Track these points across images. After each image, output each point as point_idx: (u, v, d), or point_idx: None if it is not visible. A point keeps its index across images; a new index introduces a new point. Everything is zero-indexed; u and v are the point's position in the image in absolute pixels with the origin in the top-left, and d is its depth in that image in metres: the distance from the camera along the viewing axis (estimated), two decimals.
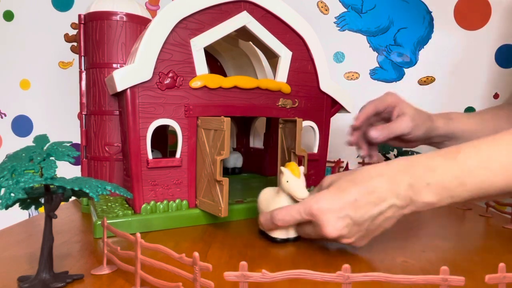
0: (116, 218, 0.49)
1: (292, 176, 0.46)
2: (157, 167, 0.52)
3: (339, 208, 0.42)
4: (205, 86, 0.54)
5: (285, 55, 0.61)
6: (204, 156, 0.52)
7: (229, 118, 0.48)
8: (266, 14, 0.59)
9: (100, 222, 0.48)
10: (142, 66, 0.49)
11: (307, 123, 0.64)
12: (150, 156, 0.51)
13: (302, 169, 0.46)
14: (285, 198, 0.47)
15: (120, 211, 0.52)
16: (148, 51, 0.50)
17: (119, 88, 0.48)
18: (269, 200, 0.49)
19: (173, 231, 0.52)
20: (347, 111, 0.69)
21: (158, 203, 0.53)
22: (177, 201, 0.54)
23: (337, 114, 0.69)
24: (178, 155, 0.53)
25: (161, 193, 0.53)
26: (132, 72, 0.49)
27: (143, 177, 0.51)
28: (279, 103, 0.61)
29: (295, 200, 0.46)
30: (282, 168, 0.46)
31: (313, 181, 0.66)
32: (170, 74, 0.51)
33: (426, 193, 0.41)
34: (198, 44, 0.53)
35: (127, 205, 0.55)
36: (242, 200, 0.60)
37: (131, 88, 0.49)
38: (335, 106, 0.68)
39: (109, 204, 0.56)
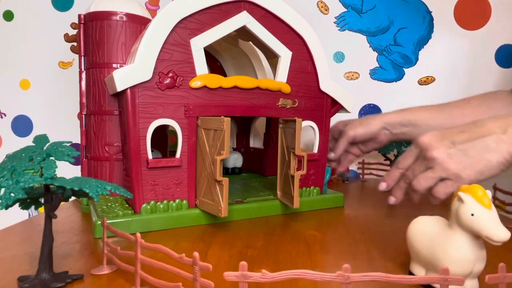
0: (116, 218, 0.49)
1: (480, 207, 0.31)
2: (157, 167, 0.52)
3: (442, 135, 0.47)
4: (205, 86, 0.54)
5: (285, 55, 0.61)
6: (204, 156, 0.52)
7: (229, 118, 0.48)
8: (266, 14, 0.59)
9: (100, 222, 0.48)
10: (142, 66, 0.49)
11: (307, 123, 0.64)
12: (150, 156, 0.51)
13: (490, 194, 0.32)
14: (462, 236, 0.32)
15: (120, 211, 0.52)
16: (148, 51, 0.50)
17: (119, 88, 0.48)
18: (436, 235, 0.34)
19: (173, 231, 0.52)
20: (347, 111, 0.69)
21: (158, 203, 0.53)
22: (177, 201, 0.54)
23: (336, 114, 0.69)
24: (178, 155, 0.53)
25: (161, 193, 0.53)
26: (132, 72, 0.49)
27: (143, 177, 0.51)
28: (279, 103, 0.60)
29: (477, 240, 0.32)
30: (462, 194, 0.32)
31: (313, 181, 0.66)
32: (170, 74, 0.51)
33: None
34: (198, 44, 0.53)
35: (127, 205, 0.55)
36: (242, 200, 0.60)
37: (131, 88, 0.49)
38: (335, 106, 0.67)
39: (109, 204, 0.56)
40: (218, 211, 0.50)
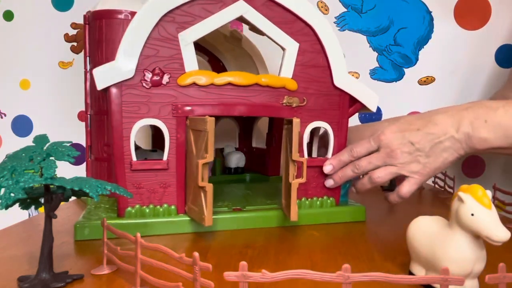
0: (98, 221, 0.48)
1: (480, 207, 0.31)
2: (142, 169, 0.49)
3: (403, 135, 0.51)
4: (194, 83, 0.50)
5: (291, 47, 0.54)
6: (192, 159, 0.49)
7: (213, 118, 0.45)
8: (267, 1, 0.53)
9: (79, 225, 0.47)
10: (123, 63, 0.47)
11: (319, 123, 0.57)
12: (134, 157, 0.49)
13: (490, 194, 0.32)
14: (462, 236, 0.32)
15: (103, 213, 0.50)
16: (129, 47, 0.47)
17: (99, 87, 0.46)
18: (436, 235, 0.34)
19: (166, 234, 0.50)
20: (369, 111, 0.59)
21: (144, 207, 0.50)
22: (164, 206, 0.51)
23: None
24: (165, 157, 0.50)
25: (146, 197, 0.50)
26: (112, 70, 0.47)
27: (126, 179, 0.49)
28: (284, 101, 0.54)
29: (477, 240, 0.32)
30: (462, 194, 0.32)
31: (327, 190, 0.58)
32: (156, 71, 0.48)
33: (483, 129, 0.48)
34: (187, 38, 0.49)
35: (115, 208, 0.53)
36: (241, 208, 0.55)
37: (113, 86, 0.47)
38: (355, 105, 0.58)
39: (99, 205, 0.55)
40: (201, 219, 0.46)
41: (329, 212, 0.57)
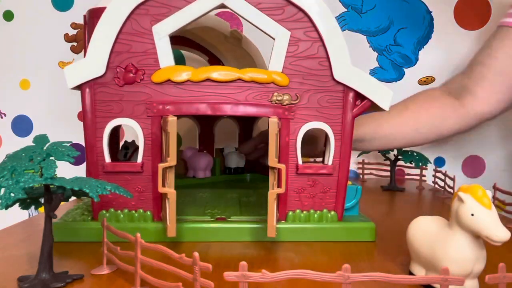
0: (72, 224, 0.47)
1: (480, 207, 0.31)
2: (115, 171, 0.47)
3: None
4: (169, 80, 0.46)
5: (281, 37, 0.48)
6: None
7: (175, 118, 0.42)
8: None
9: (54, 226, 0.46)
10: (93, 60, 0.45)
11: (316, 124, 0.49)
12: (107, 159, 0.47)
13: (490, 194, 0.33)
14: (462, 236, 0.32)
15: (79, 215, 0.49)
16: (99, 43, 0.45)
17: (69, 85, 0.45)
18: (436, 235, 0.34)
19: None
20: (380, 109, 0.50)
21: (118, 211, 0.48)
22: (139, 211, 0.48)
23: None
24: (139, 159, 0.47)
25: (122, 201, 0.47)
26: (82, 68, 0.45)
27: None
28: (272, 99, 0.48)
29: (477, 240, 0.32)
30: (462, 194, 0.32)
31: (327, 203, 0.50)
32: (129, 68, 0.46)
33: None
34: (162, 31, 0.46)
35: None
36: (225, 217, 0.51)
37: (85, 84, 0.46)
38: (362, 102, 0.50)
39: (82, 206, 0.54)
40: (165, 228, 0.44)
41: (328, 228, 0.49)
